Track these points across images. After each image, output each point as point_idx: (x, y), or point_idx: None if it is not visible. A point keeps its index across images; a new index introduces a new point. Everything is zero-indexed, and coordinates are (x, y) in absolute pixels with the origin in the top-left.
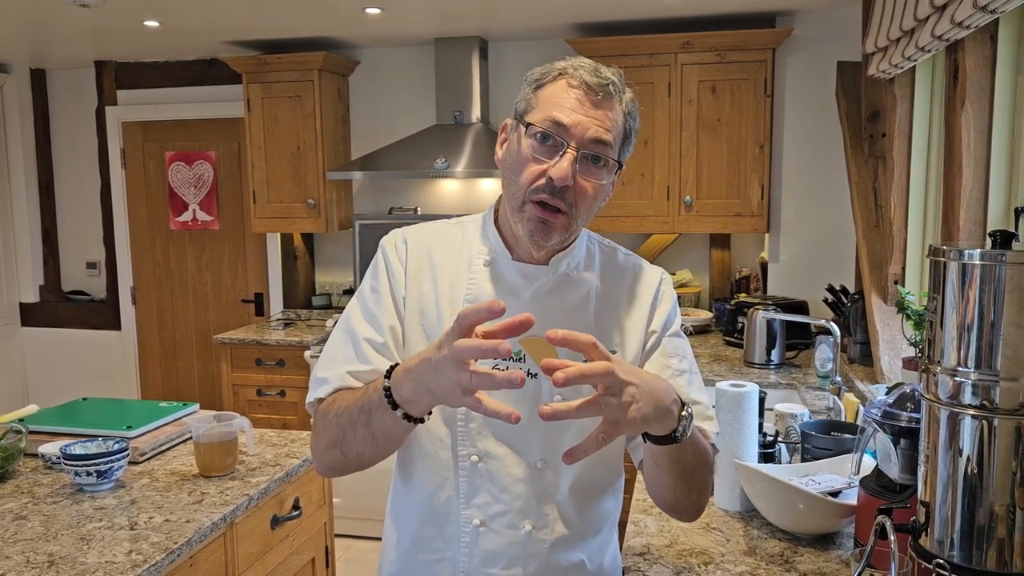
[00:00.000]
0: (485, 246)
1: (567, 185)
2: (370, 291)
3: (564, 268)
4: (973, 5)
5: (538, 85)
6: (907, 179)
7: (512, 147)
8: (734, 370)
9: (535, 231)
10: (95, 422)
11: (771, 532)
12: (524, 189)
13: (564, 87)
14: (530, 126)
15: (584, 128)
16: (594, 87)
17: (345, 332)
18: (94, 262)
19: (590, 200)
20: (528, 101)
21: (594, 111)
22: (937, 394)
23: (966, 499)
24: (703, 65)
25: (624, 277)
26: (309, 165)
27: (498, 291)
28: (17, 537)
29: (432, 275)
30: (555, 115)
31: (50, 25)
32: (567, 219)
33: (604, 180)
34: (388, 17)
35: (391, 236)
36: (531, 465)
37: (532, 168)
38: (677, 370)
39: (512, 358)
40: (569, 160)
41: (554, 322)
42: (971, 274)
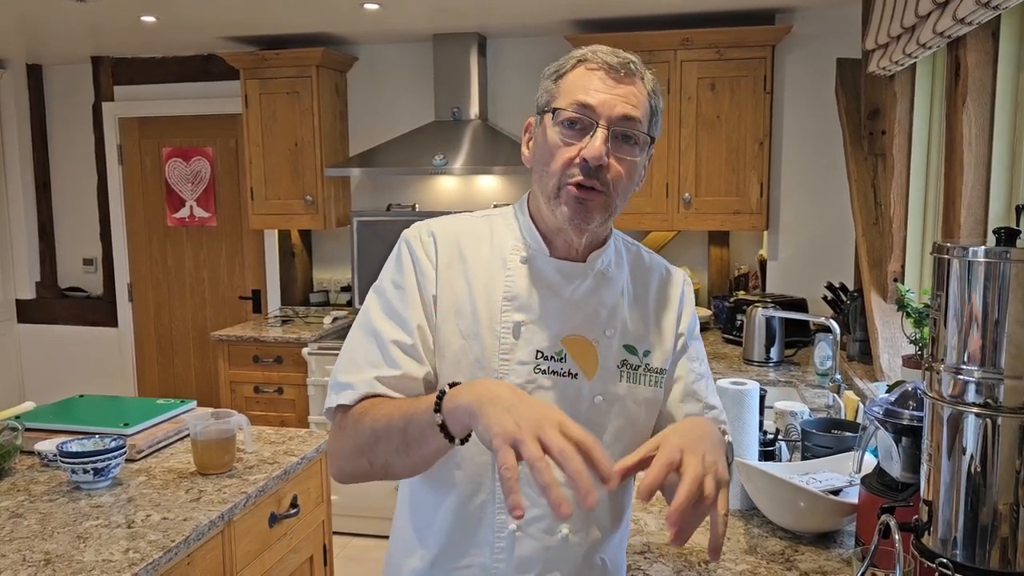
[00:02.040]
0: (520, 242)
1: (602, 164)
2: (393, 287)
3: (600, 265)
4: (975, 1)
5: (557, 75)
6: (907, 177)
7: (539, 139)
8: (733, 368)
9: (575, 213)
10: (92, 419)
11: (772, 530)
12: (558, 175)
13: (585, 71)
14: (557, 111)
15: (611, 106)
16: (615, 66)
17: (368, 332)
18: (91, 259)
19: (625, 179)
20: (550, 92)
21: (619, 88)
22: (940, 392)
23: (969, 498)
24: (702, 62)
25: (652, 277)
26: (307, 162)
27: (537, 289)
28: (13, 535)
29: (464, 272)
30: (580, 97)
31: (47, 20)
32: (605, 198)
33: (637, 157)
34: (386, 13)
35: (415, 230)
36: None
37: (564, 153)
38: (699, 374)
39: (554, 357)
40: (601, 138)
41: (594, 321)
42: (975, 271)
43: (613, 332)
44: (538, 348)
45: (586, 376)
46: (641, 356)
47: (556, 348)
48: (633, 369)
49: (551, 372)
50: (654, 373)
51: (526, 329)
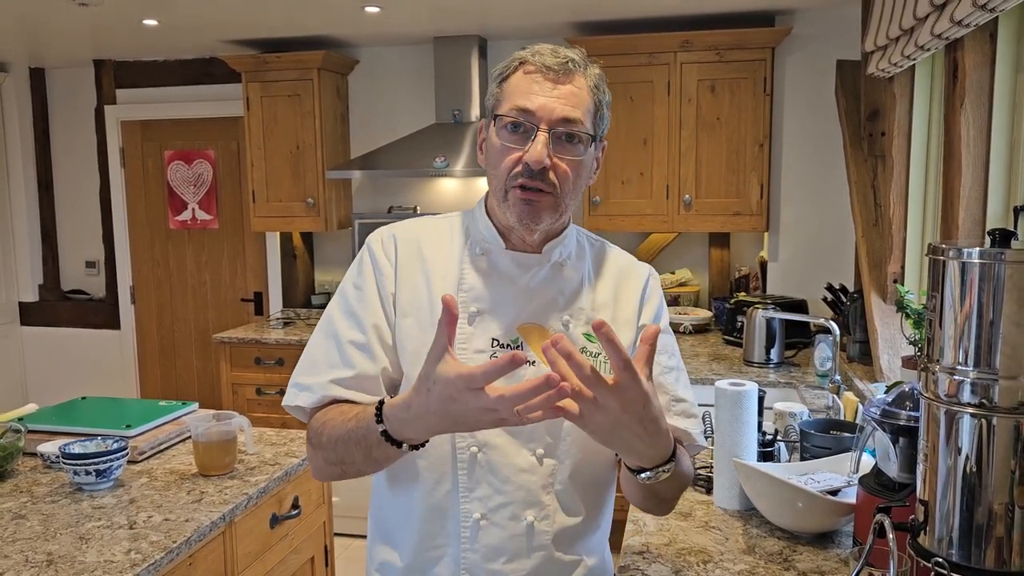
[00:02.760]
0: (477, 236)
1: (545, 167)
2: (353, 288)
3: (557, 257)
4: (972, 4)
5: (502, 78)
6: (906, 178)
7: (489, 143)
8: (733, 369)
9: (523, 214)
10: (94, 421)
11: (770, 531)
12: (504, 178)
13: (524, 74)
14: (498, 118)
15: (550, 109)
16: (553, 67)
17: (327, 333)
18: (93, 261)
19: (573, 177)
20: (495, 96)
21: (557, 90)
22: (936, 392)
23: (965, 497)
24: (702, 64)
25: (614, 271)
26: (308, 164)
27: (493, 280)
28: (16, 536)
29: (424, 270)
30: (520, 102)
31: (49, 24)
32: (552, 198)
33: (582, 156)
34: (387, 16)
35: (377, 233)
36: (532, 453)
37: (508, 157)
38: (666, 367)
39: (510, 345)
40: (542, 142)
41: (550, 310)
42: (970, 272)
43: (570, 319)
44: (493, 336)
45: (543, 363)
46: (600, 344)
47: (512, 336)
48: (593, 357)
49: None
50: None
51: (481, 318)
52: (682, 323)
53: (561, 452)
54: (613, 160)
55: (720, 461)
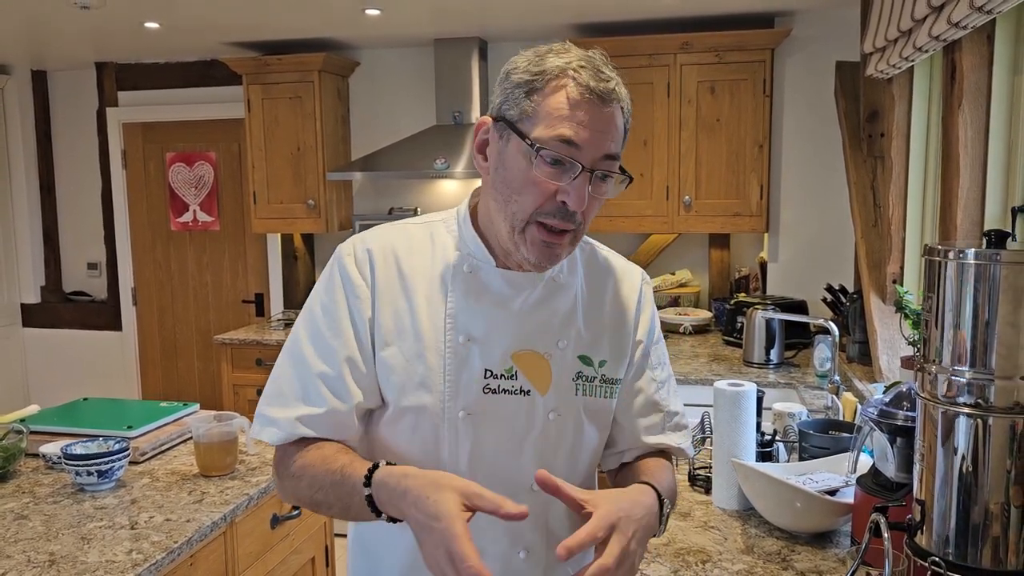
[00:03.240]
0: (463, 252)
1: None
2: (322, 312)
3: (551, 273)
4: (970, 6)
5: (532, 89)
6: (905, 179)
7: (508, 160)
8: (733, 369)
9: (542, 257)
10: (96, 422)
11: (769, 530)
12: (530, 211)
13: (567, 96)
14: (539, 147)
15: (597, 145)
16: (601, 95)
17: (295, 361)
18: (95, 263)
19: (594, 212)
20: (520, 107)
21: (603, 124)
22: (932, 393)
23: (961, 497)
24: (702, 65)
25: (607, 278)
26: (309, 166)
27: (484, 303)
28: (18, 536)
29: (404, 289)
30: (564, 132)
31: (51, 26)
32: (573, 235)
33: (612, 193)
34: (387, 18)
35: (350, 245)
36: (525, 489)
37: (540, 189)
38: (660, 382)
39: (504, 375)
40: (584, 182)
41: (544, 334)
42: (966, 273)
43: (567, 343)
44: (487, 367)
45: (539, 392)
46: (596, 367)
47: (506, 365)
48: (588, 381)
49: (502, 391)
50: (608, 383)
51: (473, 347)
52: (682, 324)
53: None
54: None
55: (719, 461)
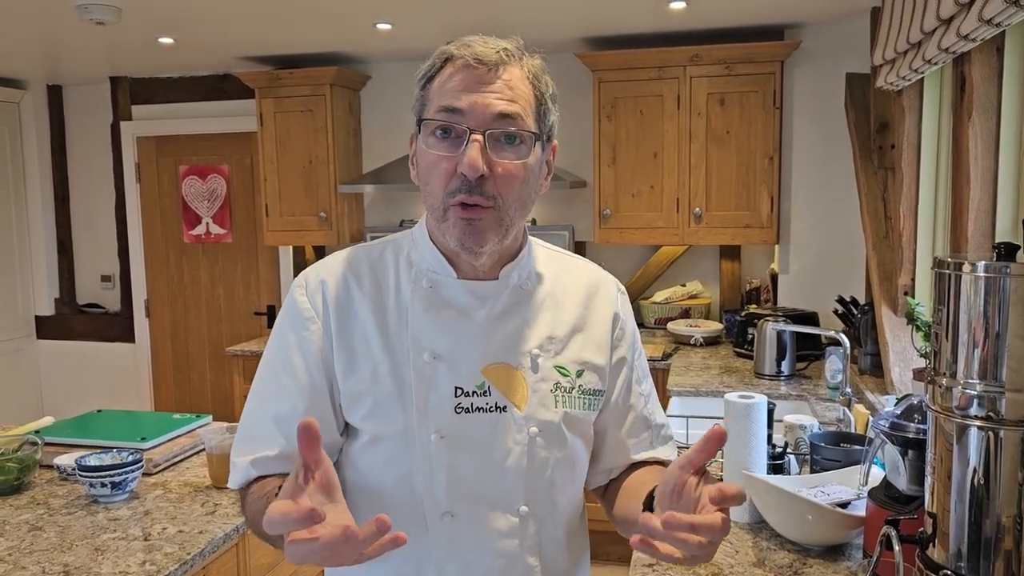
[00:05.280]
0: (421, 266)
1: (483, 176)
2: (275, 352)
3: (516, 280)
4: (979, 18)
5: (425, 79)
6: (916, 190)
7: (419, 156)
8: (744, 381)
9: (464, 235)
10: (109, 434)
11: (780, 543)
12: (440, 194)
13: (451, 72)
14: (424, 123)
15: (483, 106)
16: (483, 60)
17: (252, 406)
18: (108, 275)
19: (518, 184)
20: (420, 101)
21: (490, 86)
22: (943, 405)
23: (973, 510)
24: (712, 78)
25: (579, 287)
26: (321, 178)
27: (447, 317)
28: (33, 548)
29: (364, 313)
30: (447, 102)
31: (66, 42)
32: (495, 213)
33: (527, 158)
34: (398, 32)
35: (302, 277)
36: (513, 514)
37: (440, 167)
38: (645, 396)
39: (475, 392)
40: (476, 148)
41: (516, 345)
42: (976, 286)
43: (540, 353)
44: (456, 384)
45: (516, 407)
46: (574, 376)
47: (477, 381)
48: (567, 392)
49: (475, 409)
50: (588, 395)
51: (440, 364)
52: (693, 335)
53: (545, 508)
54: (623, 173)
55: (730, 474)
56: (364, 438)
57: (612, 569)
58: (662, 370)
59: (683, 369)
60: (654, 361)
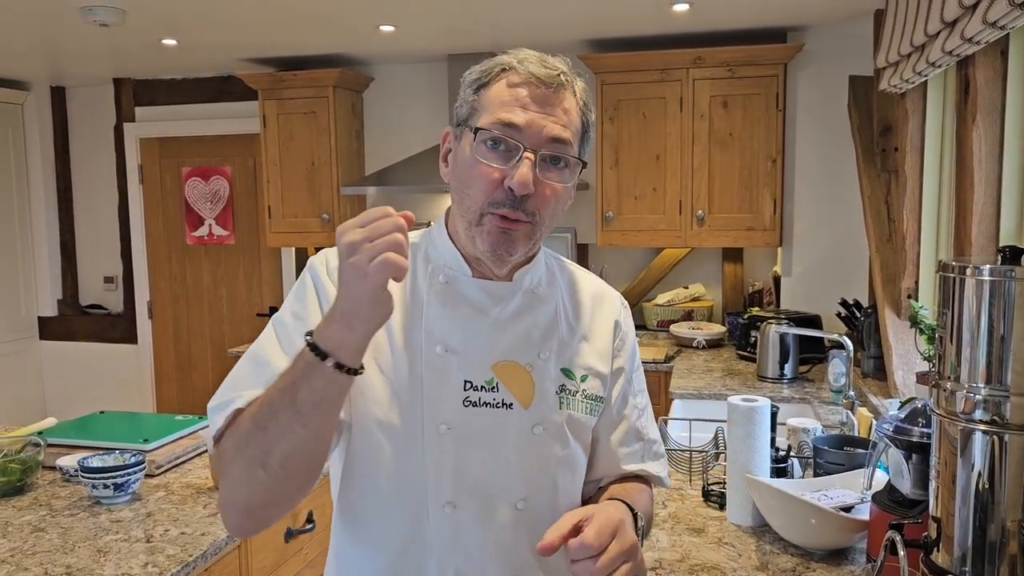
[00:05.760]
0: (439, 263)
1: (528, 194)
2: (293, 319)
3: (529, 283)
4: (983, 21)
5: (480, 85)
6: (919, 193)
7: (460, 157)
8: (747, 384)
9: (497, 244)
10: (112, 435)
11: (783, 547)
12: (481, 201)
13: (510, 84)
14: (479, 131)
15: (539, 127)
16: (544, 79)
17: (255, 361)
18: (111, 276)
19: (553, 204)
20: (471, 105)
21: (547, 107)
22: (947, 409)
23: (977, 515)
24: (715, 80)
25: (587, 298)
26: (323, 180)
27: (461, 313)
28: (35, 549)
29: None
30: (505, 116)
31: (70, 44)
32: (530, 227)
33: (567, 182)
34: (401, 34)
35: (322, 256)
36: (512, 507)
37: (486, 177)
38: (640, 409)
39: (484, 387)
40: (528, 166)
41: (525, 345)
42: (980, 290)
43: (548, 355)
44: (466, 378)
45: (522, 405)
46: (579, 381)
47: (487, 376)
48: (571, 395)
49: (483, 404)
50: (590, 400)
51: (451, 357)
52: (695, 338)
53: (545, 502)
54: (626, 176)
55: (733, 477)
56: (370, 426)
57: None
58: (664, 373)
59: (685, 372)
60: (656, 364)
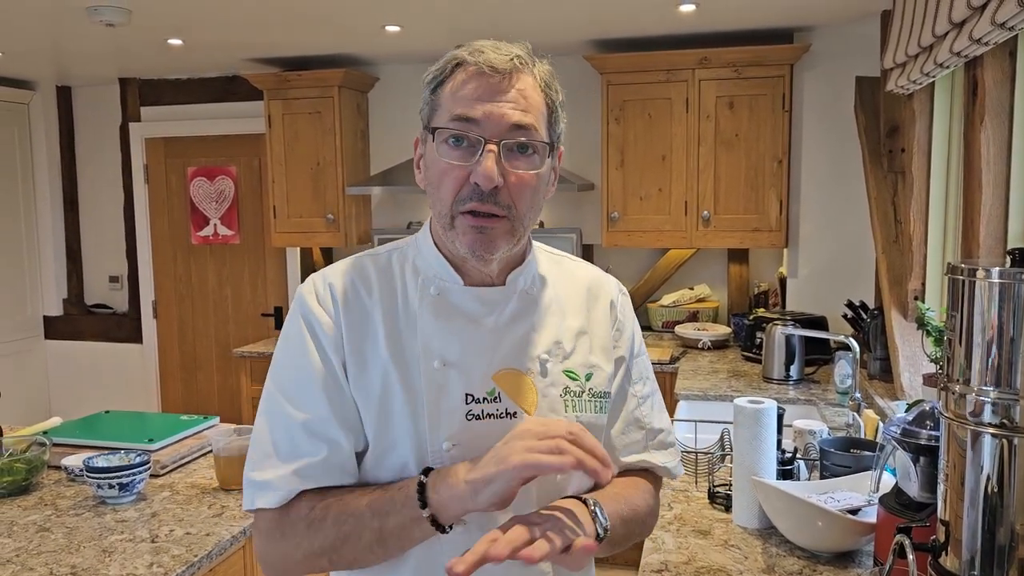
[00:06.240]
0: (428, 273)
1: (496, 186)
2: (292, 360)
3: (523, 285)
4: (991, 22)
5: (436, 84)
6: (926, 195)
7: (428, 161)
8: (752, 386)
9: (475, 243)
10: (117, 435)
11: (790, 549)
12: (449, 201)
13: (464, 78)
14: (437, 131)
15: (498, 116)
16: (497, 67)
17: (272, 420)
18: (116, 276)
19: (530, 194)
20: (430, 105)
21: (503, 95)
22: (956, 412)
23: (986, 518)
24: (721, 80)
25: (582, 290)
26: (329, 180)
27: (456, 324)
28: (41, 549)
29: (371, 322)
30: (461, 111)
31: (76, 43)
32: (508, 223)
33: (540, 168)
34: (407, 34)
35: (309, 283)
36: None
37: (451, 176)
38: (641, 397)
39: (486, 398)
40: (492, 158)
41: (525, 350)
42: (990, 292)
43: (549, 358)
44: (467, 391)
45: (527, 413)
46: (583, 380)
47: (488, 387)
48: (577, 396)
49: (486, 416)
50: (597, 398)
51: (450, 371)
52: (701, 339)
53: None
54: (632, 176)
55: (739, 479)
56: (373, 450)
57: (618, 573)
58: (669, 374)
59: (691, 373)
60: (661, 364)
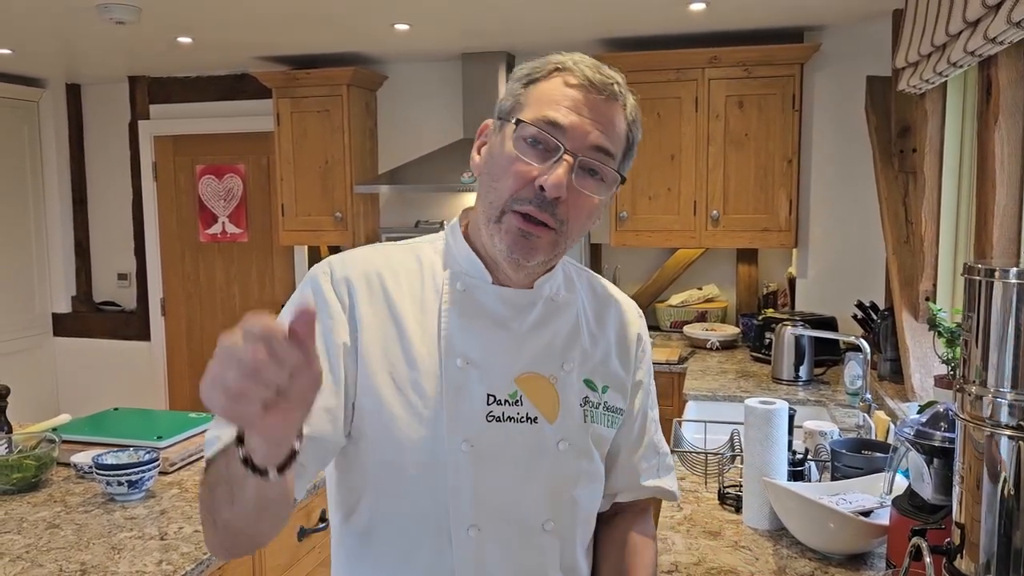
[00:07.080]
0: (455, 270)
1: (559, 198)
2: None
3: (549, 291)
4: (1007, 20)
5: (530, 80)
6: (938, 195)
7: (495, 148)
8: (762, 386)
9: (514, 246)
10: (126, 432)
11: (801, 551)
12: (506, 197)
13: (562, 84)
14: (520, 124)
15: (584, 132)
16: (597, 85)
17: None
18: (125, 273)
19: (585, 216)
20: (516, 98)
21: (596, 114)
22: (972, 414)
23: (1002, 521)
24: (730, 80)
25: (607, 306)
26: (337, 178)
27: (481, 324)
28: (50, 546)
29: (392, 314)
30: (550, 114)
31: (86, 41)
32: (555, 236)
33: (602, 195)
34: (416, 33)
35: (325, 265)
36: (540, 528)
37: (518, 172)
38: (656, 423)
39: (508, 400)
40: (565, 168)
41: (548, 356)
42: (1006, 293)
43: (572, 365)
44: (489, 392)
45: (547, 419)
46: (600, 392)
47: (510, 390)
48: (595, 407)
49: (507, 419)
50: (611, 412)
51: (472, 371)
52: (709, 339)
53: (568, 523)
54: (640, 176)
55: (750, 480)
56: (386, 446)
57: None
58: (678, 374)
59: (699, 373)
60: (670, 365)
